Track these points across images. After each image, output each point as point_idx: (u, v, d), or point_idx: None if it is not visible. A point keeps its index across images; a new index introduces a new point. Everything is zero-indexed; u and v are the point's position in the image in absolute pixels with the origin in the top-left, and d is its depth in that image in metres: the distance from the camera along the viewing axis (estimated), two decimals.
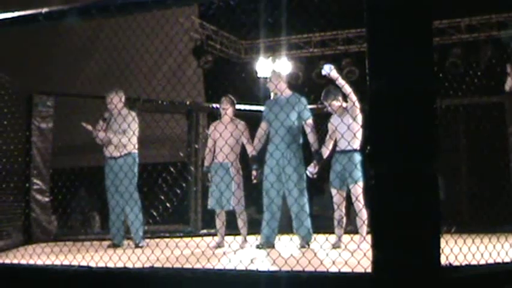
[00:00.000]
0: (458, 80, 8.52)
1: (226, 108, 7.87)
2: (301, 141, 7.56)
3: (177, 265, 4.74)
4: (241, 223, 7.82)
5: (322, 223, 8.41)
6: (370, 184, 3.38)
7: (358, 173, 7.19)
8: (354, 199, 7.20)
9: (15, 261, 5.54)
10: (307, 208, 7.45)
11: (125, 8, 4.55)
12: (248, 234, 7.80)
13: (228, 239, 7.58)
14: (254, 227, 8.00)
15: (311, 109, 7.71)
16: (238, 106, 8.19)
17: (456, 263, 3.67)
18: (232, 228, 8.02)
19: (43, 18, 4.56)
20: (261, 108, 8.27)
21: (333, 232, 7.40)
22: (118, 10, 4.54)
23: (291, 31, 12.32)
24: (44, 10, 4.55)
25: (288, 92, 7.64)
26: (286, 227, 8.09)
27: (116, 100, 7.80)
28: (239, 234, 7.73)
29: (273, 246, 7.33)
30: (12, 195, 8.14)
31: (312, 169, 7.43)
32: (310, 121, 7.52)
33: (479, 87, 8.60)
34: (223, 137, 7.26)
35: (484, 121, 10.19)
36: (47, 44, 9.69)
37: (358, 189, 7.19)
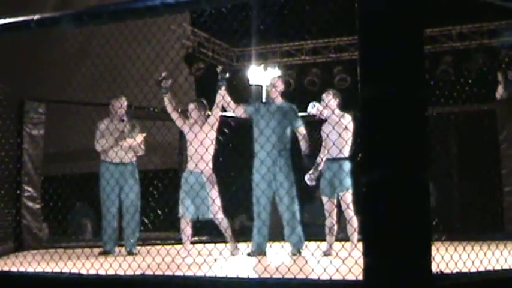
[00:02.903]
0: (450, 87, 8.54)
1: (190, 111, 7.59)
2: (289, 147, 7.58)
3: (168, 272, 4.73)
4: (224, 231, 7.65)
5: (313, 230, 8.41)
6: (361, 192, 3.38)
7: (349, 181, 7.20)
8: (344, 207, 7.22)
9: (5, 269, 5.52)
10: (298, 215, 7.45)
11: (117, 15, 4.55)
12: (239, 241, 7.78)
13: (220, 246, 7.57)
14: (245, 235, 7.99)
15: (302, 117, 7.73)
16: (227, 114, 8.19)
17: (447, 271, 3.68)
18: (224, 235, 8.00)
19: (35, 25, 4.55)
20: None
21: (324, 240, 7.40)
22: (110, 17, 4.54)
23: (283, 39, 12.36)
24: (36, 17, 4.54)
25: (279, 100, 7.65)
26: (277, 235, 8.08)
27: (125, 106, 7.84)
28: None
29: (264, 254, 7.32)
30: (3, 202, 8.11)
31: (310, 176, 7.44)
32: (301, 128, 7.54)
33: (470, 95, 8.63)
34: (193, 144, 7.12)
35: (475, 129, 10.23)
36: (38, 50, 9.68)
37: (348, 197, 7.21)
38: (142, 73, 5.96)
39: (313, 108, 7.36)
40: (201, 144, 6.97)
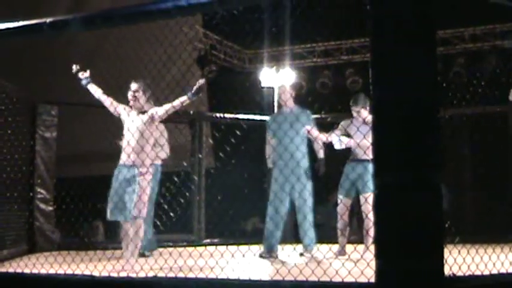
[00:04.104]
0: (462, 89, 8.51)
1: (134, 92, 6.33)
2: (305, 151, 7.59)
3: (181, 275, 4.74)
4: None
5: (326, 233, 8.41)
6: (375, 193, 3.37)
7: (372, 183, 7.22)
8: (369, 208, 7.18)
9: (18, 270, 5.53)
10: (310, 217, 7.46)
11: (129, 18, 4.57)
12: (251, 243, 7.78)
13: (232, 248, 7.57)
14: (257, 237, 7.99)
15: (315, 118, 7.74)
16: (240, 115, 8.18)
17: (460, 274, 3.66)
18: (236, 237, 8.00)
19: (47, 28, 4.58)
20: (265, 118, 8.28)
21: (336, 242, 7.40)
22: (122, 20, 4.56)
23: (295, 41, 12.34)
24: (49, 20, 4.56)
25: (291, 105, 7.66)
26: (289, 237, 8.09)
27: None
28: (245, 243, 7.67)
29: (276, 256, 7.32)
30: (16, 204, 8.14)
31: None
32: (313, 130, 7.54)
33: (483, 97, 8.59)
34: (131, 133, 6.21)
35: (488, 130, 10.18)
36: (50, 52, 9.71)
37: (371, 199, 7.22)
38: (155, 75, 5.97)
39: (340, 145, 7.38)
40: (137, 132, 6.17)
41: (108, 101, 6.37)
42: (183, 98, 6.23)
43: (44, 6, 9.67)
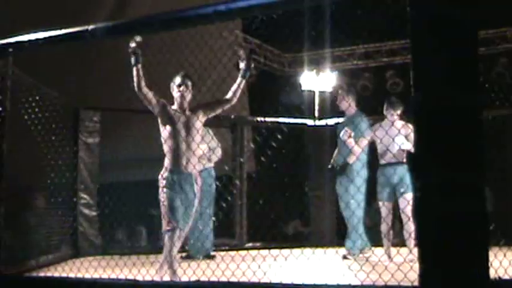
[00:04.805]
0: (505, 90, 8.41)
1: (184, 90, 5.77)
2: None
3: (223, 279, 4.75)
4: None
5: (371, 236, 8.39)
6: (416, 195, 3.34)
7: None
8: (410, 210, 7.15)
9: (63, 275, 5.60)
10: (353, 221, 7.45)
11: (169, 24, 4.60)
12: (293, 247, 7.76)
13: (274, 252, 7.57)
14: (298, 240, 7.98)
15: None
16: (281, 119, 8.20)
17: (505, 277, 3.62)
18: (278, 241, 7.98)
19: (89, 35, 4.64)
20: (304, 121, 8.26)
21: (379, 245, 7.38)
22: (162, 26, 4.60)
23: (335, 43, 12.31)
24: (90, 27, 4.62)
25: (350, 111, 7.74)
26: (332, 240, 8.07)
27: None
28: (287, 247, 7.66)
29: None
30: (61, 210, 8.25)
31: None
32: (360, 139, 7.53)
33: None
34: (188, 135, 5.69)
35: None
36: (92, 59, 9.81)
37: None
38: (195, 80, 5.98)
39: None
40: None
41: (150, 93, 5.60)
42: (239, 80, 5.95)
43: (84, 15, 9.77)
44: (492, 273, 3.27)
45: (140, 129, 8.62)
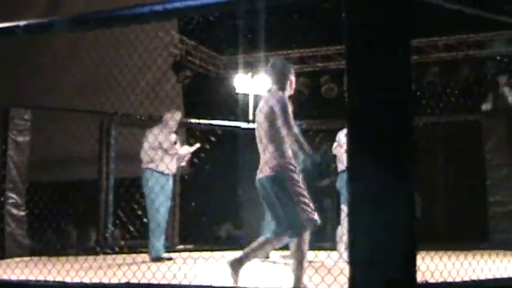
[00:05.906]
0: (436, 98, 8.57)
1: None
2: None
3: (154, 281, 4.71)
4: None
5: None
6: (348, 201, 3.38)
7: None
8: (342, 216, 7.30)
9: None
10: None
11: (104, 22, 4.54)
12: (225, 249, 7.77)
13: (205, 255, 7.55)
14: (231, 243, 7.97)
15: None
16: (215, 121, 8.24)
17: (432, 280, 3.68)
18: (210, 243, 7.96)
19: (21, 31, 4.53)
20: (239, 124, 8.27)
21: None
22: (97, 24, 4.53)
23: (270, 47, 12.36)
24: (23, 23, 4.52)
25: None
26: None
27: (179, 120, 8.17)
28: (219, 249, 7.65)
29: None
30: None
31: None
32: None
33: (456, 106, 8.67)
34: None
35: (460, 139, 10.27)
36: (23, 56, 9.63)
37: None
38: (129, 80, 5.93)
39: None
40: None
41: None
42: None
43: (20, 10, 9.58)
44: (420, 277, 3.33)
45: (70, 128, 8.48)
